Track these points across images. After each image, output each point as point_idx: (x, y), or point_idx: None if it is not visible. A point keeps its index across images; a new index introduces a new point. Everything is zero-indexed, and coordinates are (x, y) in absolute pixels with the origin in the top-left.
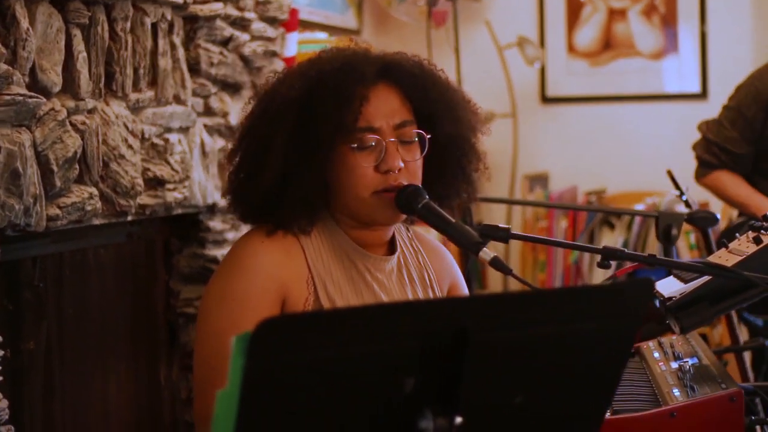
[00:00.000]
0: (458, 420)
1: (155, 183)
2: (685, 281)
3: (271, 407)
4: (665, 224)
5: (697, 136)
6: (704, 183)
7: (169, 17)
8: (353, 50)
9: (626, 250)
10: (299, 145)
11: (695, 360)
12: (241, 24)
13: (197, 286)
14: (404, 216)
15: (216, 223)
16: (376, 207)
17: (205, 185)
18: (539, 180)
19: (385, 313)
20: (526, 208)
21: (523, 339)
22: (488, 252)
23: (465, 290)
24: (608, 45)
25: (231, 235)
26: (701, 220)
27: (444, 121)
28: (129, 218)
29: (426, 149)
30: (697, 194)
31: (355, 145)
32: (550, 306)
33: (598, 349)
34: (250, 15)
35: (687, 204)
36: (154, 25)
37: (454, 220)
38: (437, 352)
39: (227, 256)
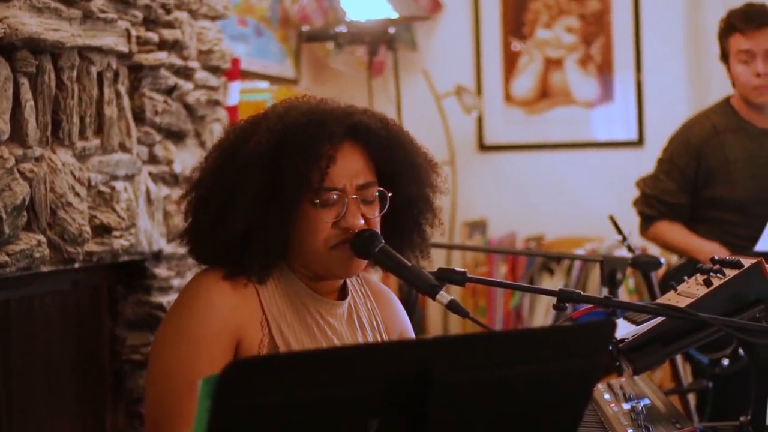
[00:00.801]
0: None
1: (102, 230)
2: (637, 323)
3: None
4: (610, 268)
5: (633, 182)
6: (647, 236)
7: (114, 66)
8: (321, 107)
9: (581, 292)
10: (265, 199)
11: (646, 401)
12: (185, 73)
13: (143, 332)
14: (362, 266)
15: (161, 270)
16: (333, 261)
17: (151, 232)
18: (478, 226)
19: (351, 355)
20: (465, 253)
21: (486, 380)
22: (445, 295)
23: (412, 335)
24: (545, 93)
25: (176, 282)
26: (645, 264)
27: (405, 182)
28: (76, 265)
29: (386, 207)
30: (638, 240)
31: (318, 201)
32: (513, 347)
33: (561, 390)
34: (194, 64)
35: (629, 248)
36: (100, 74)
37: (410, 264)
38: (401, 394)
39: (181, 296)
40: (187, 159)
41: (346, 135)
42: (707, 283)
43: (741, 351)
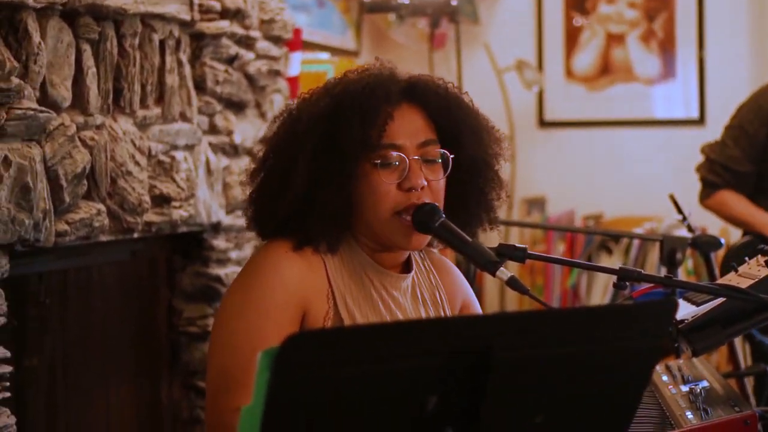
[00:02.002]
0: None
1: (161, 200)
2: (697, 304)
3: (294, 423)
4: (669, 248)
5: (694, 161)
6: (708, 204)
7: (176, 34)
8: (378, 70)
9: (642, 271)
10: (324, 161)
11: (705, 383)
12: (246, 43)
13: (200, 304)
14: (425, 240)
15: (220, 242)
16: (394, 230)
17: (210, 203)
18: (537, 203)
19: (411, 330)
20: (523, 231)
21: (546, 358)
22: (505, 271)
23: (477, 307)
24: (606, 70)
25: (235, 254)
26: (705, 244)
27: (467, 144)
28: (135, 235)
29: (449, 169)
30: (698, 220)
31: (378, 161)
32: (574, 325)
33: (621, 369)
34: (255, 34)
35: (689, 228)
36: (162, 42)
37: (470, 239)
38: (461, 370)
39: (247, 266)
40: (247, 130)
41: (404, 95)
42: None
43: None
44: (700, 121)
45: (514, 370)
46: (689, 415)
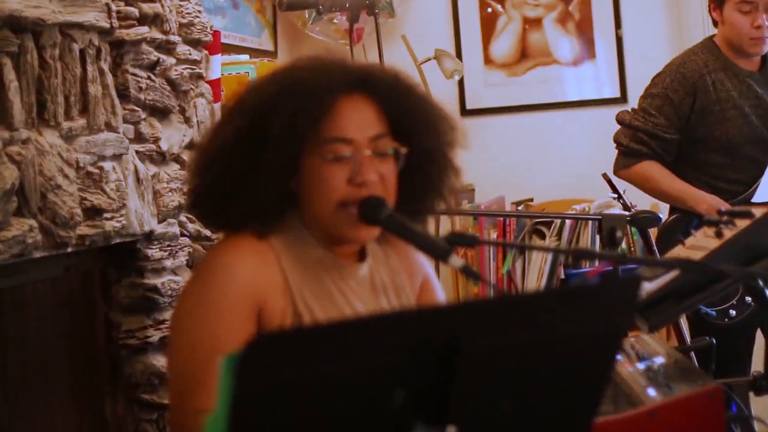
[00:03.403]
0: (451, 430)
1: (93, 213)
2: (648, 280)
3: (259, 428)
4: (609, 226)
5: None
6: (628, 174)
7: (96, 43)
8: (330, 59)
9: (596, 250)
10: (259, 146)
11: (661, 359)
12: (167, 47)
13: (138, 316)
14: (374, 233)
15: (154, 251)
16: (341, 223)
17: (142, 212)
18: (465, 193)
19: (376, 325)
20: (454, 220)
21: (513, 344)
22: (457, 259)
23: (437, 284)
24: (525, 54)
25: (169, 263)
26: (643, 220)
27: (420, 136)
28: (69, 249)
29: (402, 163)
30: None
31: (330, 156)
32: (540, 309)
33: (589, 350)
34: (175, 38)
35: (625, 206)
36: (82, 52)
37: (419, 230)
38: (428, 362)
39: (201, 265)
40: (173, 136)
41: (356, 86)
42: (718, 234)
43: (748, 299)
44: (622, 99)
45: (482, 359)
46: (651, 392)
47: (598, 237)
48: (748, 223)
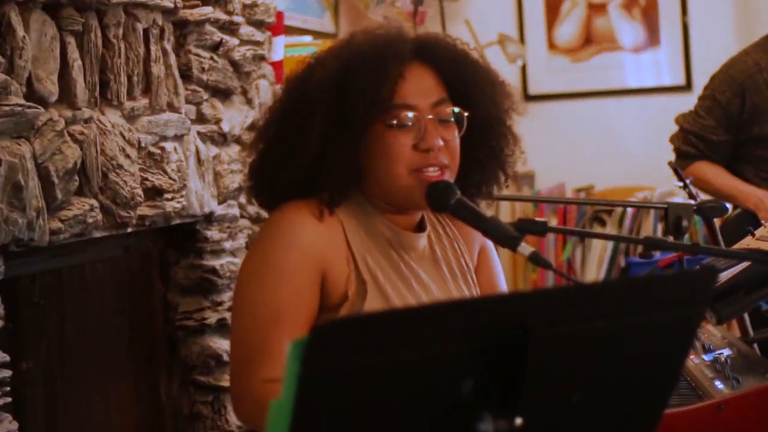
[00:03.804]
0: (518, 421)
1: (153, 193)
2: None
3: (326, 415)
4: (675, 216)
5: None
6: (684, 176)
7: (160, 23)
8: (386, 30)
9: (669, 239)
10: (336, 123)
11: (728, 351)
12: (230, 28)
13: (196, 297)
14: None
15: (213, 233)
16: (412, 189)
17: (202, 194)
18: (526, 179)
19: (444, 312)
20: (514, 206)
21: (584, 333)
22: (527, 246)
23: (494, 254)
24: (589, 40)
25: (228, 245)
26: (710, 210)
27: (479, 102)
28: (129, 230)
29: (464, 128)
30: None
31: (394, 122)
32: (612, 298)
33: (661, 341)
34: (239, 19)
35: (690, 195)
36: (146, 31)
37: (488, 216)
38: (497, 351)
39: (263, 230)
40: (234, 117)
41: (414, 54)
42: None
43: None
44: (687, 87)
45: (552, 348)
46: (719, 384)
47: (660, 226)
48: None
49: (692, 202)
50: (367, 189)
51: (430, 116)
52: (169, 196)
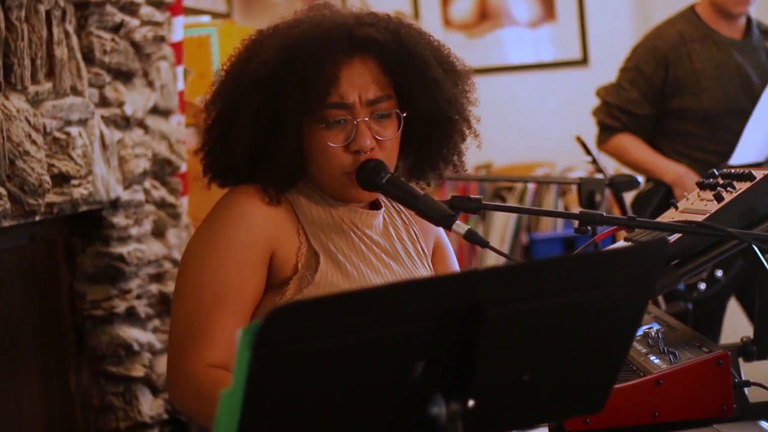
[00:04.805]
0: (471, 403)
1: (60, 180)
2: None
3: (276, 401)
4: (588, 190)
5: (579, 102)
6: (606, 148)
7: (62, 4)
8: (333, 18)
9: (604, 214)
10: (267, 117)
11: (656, 325)
12: (130, 9)
13: (104, 286)
14: (376, 193)
15: (120, 219)
16: (344, 188)
17: (108, 179)
18: None
19: (395, 294)
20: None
21: (536, 311)
22: (462, 225)
23: (449, 246)
24: (484, 16)
25: (135, 231)
26: (622, 184)
27: (424, 98)
28: (37, 218)
29: (401, 128)
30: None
31: (323, 124)
32: (564, 274)
33: (612, 316)
34: None
35: (598, 169)
36: (48, 13)
37: (421, 194)
38: (448, 332)
39: (211, 212)
40: (137, 100)
41: (353, 50)
42: (718, 197)
43: (718, 273)
44: (583, 61)
45: (504, 326)
46: (654, 359)
47: (560, 201)
48: (748, 186)
49: (601, 176)
50: (312, 178)
51: (365, 117)
52: (75, 182)
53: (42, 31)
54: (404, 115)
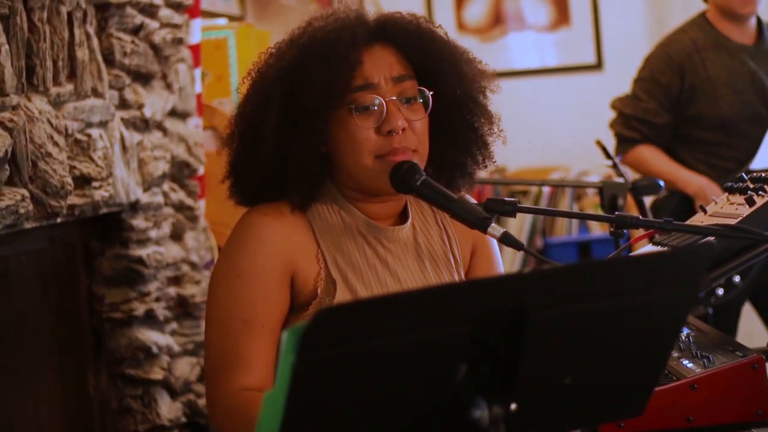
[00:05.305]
0: (513, 407)
1: (82, 181)
2: (662, 245)
3: (319, 403)
4: (610, 194)
5: (595, 106)
6: (626, 161)
7: (83, 5)
8: (345, 14)
9: (640, 217)
10: (293, 115)
11: (686, 329)
12: (150, 11)
13: (123, 289)
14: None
15: (139, 222)
16: (379, 173)
17: (128, 182)
18: None
19: (439, 296)
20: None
21: (581, 314)
22: (497, 227)
23: (495, 249)
24: (498, 20)
25: (154, 233)
26: (645, 188)
27: (447, 80)
28: (59, 220)
29: (430, 107)
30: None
31: (353, 106)
32: (608, 277)
33: (656, 320)
34: (158, 1)
35: (619, 173)
36: (69, 15)
37: (456, 196)
38: (491, 335)
39: (230, 237)
40: (155, 102)
41: (375, 37)
42: (750, 201)
43: (736, 279)
44: (598, 66)
45: (549, 329)
46: (688, 363)
47: (575, 205)
48: None
49: (621, 180)
50: (338, 179)
51: (393, 97)
52: (96, 184)
53: (64, 32)
54: (431, 92)
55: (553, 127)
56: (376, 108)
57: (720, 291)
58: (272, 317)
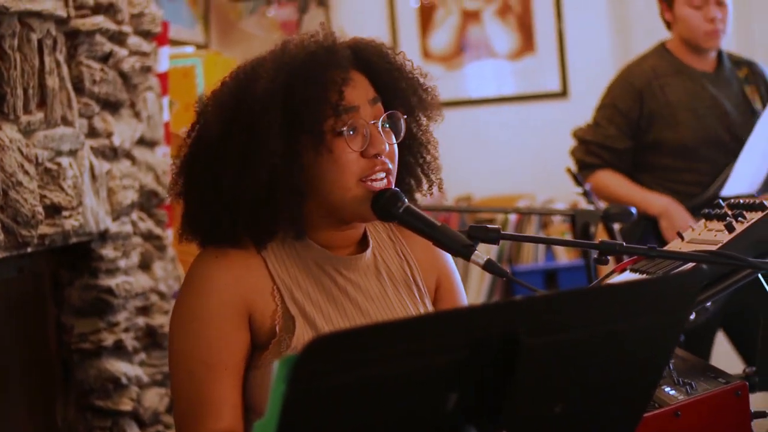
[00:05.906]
0: None
1: (52, 211)
2: (650, 275)
3: (310, 430)
4: (582, 222)
5: (560, 134)
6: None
7: (53, 33)
8: (322, 37)
9: (624, 244)
10: (291, 134)
11: None
12: (119, 39)
13: (91, 319)
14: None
15: (108, 251)
16: (360, 199)
17: (97, 211)
18: None
19: (432, 323)
20: None
21: (572, 341)
22: (481, 255)
23: (458, 281)
24: (463, 47)
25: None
26: (616, 215)
27: (409, 109)
28: (29, 250)
29: (403, 131)
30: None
31: (344, 128)
32: (600, 304)
33: (646, 346)
34: (127, 29)
35: (590, 201)
36: (39, 42)
37: (439, 223)
38: (482, 362)
39: (183, 281)
40: (124, 131)
41: (350, 60)
42: (729, 227)
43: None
44: (563, 93)
45: (540, 356)
46: (670, 391)
47: (542, 233)
48: (761, 215)
49: (592, 208)
50: (308, 209)
51: (374, 120)
52: (67, 213)
53: (34, 60)
54: (404, 117)
55: (519, 155)
56: (358, 133)
57: (692, 315)
58: (234, 359)
